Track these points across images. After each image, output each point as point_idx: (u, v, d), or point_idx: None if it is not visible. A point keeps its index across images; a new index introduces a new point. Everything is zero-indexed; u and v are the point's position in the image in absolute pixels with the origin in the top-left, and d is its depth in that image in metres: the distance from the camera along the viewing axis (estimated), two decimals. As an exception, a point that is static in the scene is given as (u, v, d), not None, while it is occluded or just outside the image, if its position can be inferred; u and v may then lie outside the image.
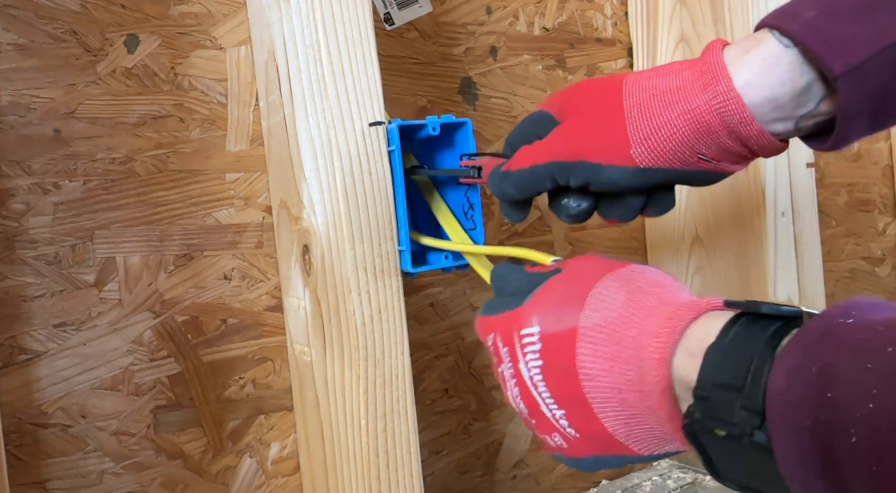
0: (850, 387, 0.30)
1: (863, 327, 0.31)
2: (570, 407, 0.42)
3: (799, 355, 0.32)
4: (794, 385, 0.31)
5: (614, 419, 0.41)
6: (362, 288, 0.54)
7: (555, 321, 0.42)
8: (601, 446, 0.42)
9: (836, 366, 0.30)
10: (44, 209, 0.56)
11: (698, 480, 0.81)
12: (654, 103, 0.46)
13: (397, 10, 0.67)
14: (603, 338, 0.40)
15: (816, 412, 0.30)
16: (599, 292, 0.42)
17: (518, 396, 0.44)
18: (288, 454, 0.65)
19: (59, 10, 0.56)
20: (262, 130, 0.63)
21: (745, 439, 0.33)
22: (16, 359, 0.55)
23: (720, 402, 0.35)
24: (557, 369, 0.42)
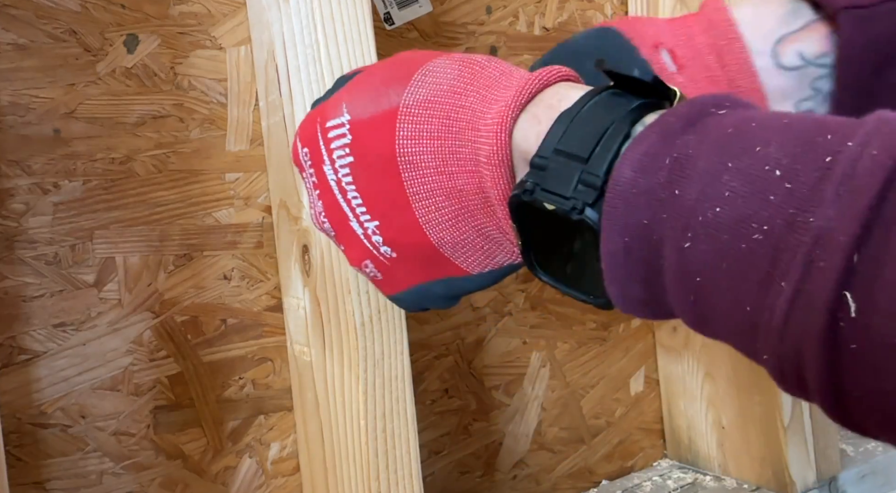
0: (702, 185, 0.26)
1: (735, 121, 0.27)
2: (385, 213, 0.34)
3: (656, 141, 0.28)
4: (641, 175, 0.27)
5: (438, 222, 0.33)
6: (362, 288, 0.54)
7: (369, 105, 0.35)
8: (422, 267, 0.35)
9: (695, 159, 0.26)
10: (43, 209, 0.56)
11: (698, 480, 0.81)
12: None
13: (397, 10, 0.67)
14: (429, 114, 0.33)
15: (656, 208, 0.26)
16: (429, 68, 0.34)
17: (321, 210, 0.37)
18: (288, 454, 0.65)
19: (58, 10, 0.56)
20: (262, 130, 0.63)
21: (573, 214, 0.29)
22: (15, 359, 0.55)
23: (558, 172, 0.29)
24: (371, 164, 0.34)
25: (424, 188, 0.33)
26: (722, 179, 0.25)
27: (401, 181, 0.33)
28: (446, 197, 0.33)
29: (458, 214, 0.33)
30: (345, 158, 0.35)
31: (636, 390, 0.85)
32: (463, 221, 0.33)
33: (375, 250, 0.35)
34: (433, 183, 0.33)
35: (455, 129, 0.32)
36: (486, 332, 0.75)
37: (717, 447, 0.81)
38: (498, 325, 0.75)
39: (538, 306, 0.78)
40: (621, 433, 0.84)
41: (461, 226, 0.34)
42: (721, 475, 0.81)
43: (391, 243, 0.35)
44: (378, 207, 0.34)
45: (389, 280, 0.37)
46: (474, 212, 0.33)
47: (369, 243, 0.35)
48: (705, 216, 0.25)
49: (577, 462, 0.81)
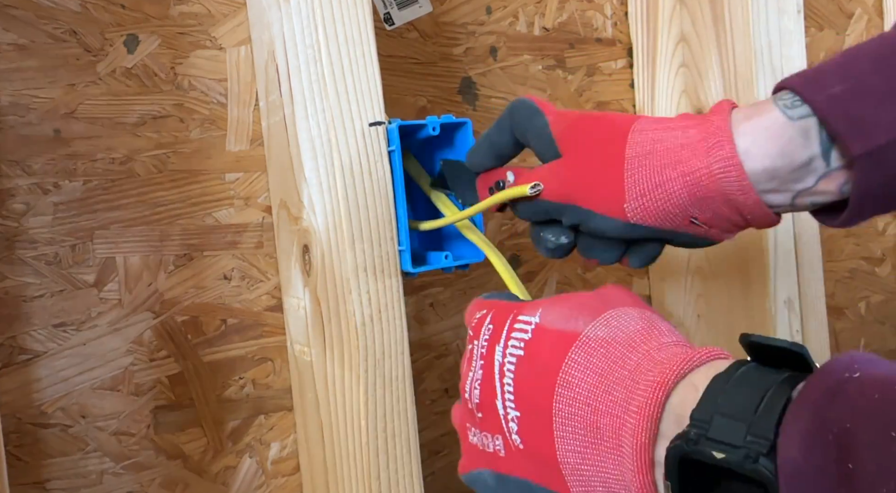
0: (874, 459, 0.26)
1: (874, 385, 0.28)
2: (527, 412, 0.37)
3: (811, 418, 0.29)
4: (810, 453, 0.28)
5: (570, 442, 0.36)
6: (362, 288, 0.54)
7: (558, 320, 0.39)
8: (538, 469, 0.37)
9: (856, 433, 0.27)
10: (44, 209, 0.56)
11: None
12: (656, 160, 0.44)
13: (397, 10, 0.67)
14: (601, 353, 0.36)
15: (833, 485, 0.27)
16: (618, 312, 0.38)
17: (478, 380, 0.40)
18: (288, 454, 0.65)
19: (59, 10, 0.56)
20: (262, 130, 0.63)
21: (748, 463, 0.29)
22: (16, 359, 0.55)
23: (723, 426, 0.30)
24: (535, 367, 0.38)
25: (569, 410, 0.36)
26: (891, 451, 0.26)
27: (552, 395, 0.36)
28: (584, 426, 0.35)
29: (589, 448, 0.35)
30: (517, 350, 0.39)
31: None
32: (590, 455, 0.35)
33: (508, 434, 0.39)
34: (578, 410, 0.36)
35: (614, 376, 0.35)
36: (486, 332, 0.75)
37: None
38: (498, 325, 0.75)
39: (538, 306, 0.78)
40: (621, 433, 0.84)
41: (587, 458, 0.35)
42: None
43: (522, 435, 0.38)
44: (524, 403, 0.38)
45: (506, 463, 0.39)
46: (604, 454, 0.35)
47: (505, 426, 0.38)
48: (889, 488, 0.26)
49: (576, 462, 0.81)
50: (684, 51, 0.79)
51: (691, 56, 0.78)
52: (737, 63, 0.73)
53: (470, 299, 0.73)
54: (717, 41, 0.75)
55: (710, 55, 0.76)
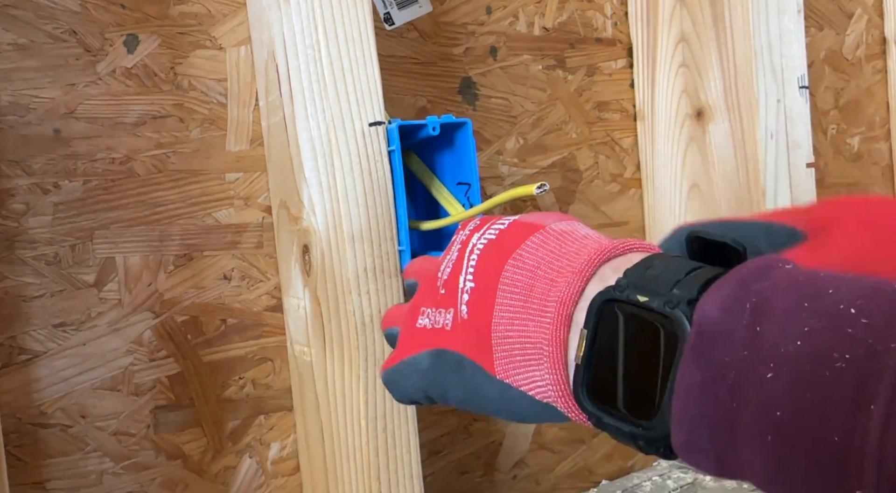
0: (782, 322, 0.28)
1: (803, 271, 0.30)
2: (480, 283, 0.40)
3: (735, 287, 0.30)
4: (726, 315, 0.29)
5: (505, 308, 0.38)
6: (362, 288, 0.54)
7: (534, 218, 0.42)
8: (474, 342, 0.40)
9: (772, 302, 0.29)
10: (44, 209, 0.56)
11: (698, 480, 0.81)
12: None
13: (397, 10, 0.67)
14: (557, 238, 0.39)
15: (738, 348, 0.29)
16: (581, 222, 0.42)
17: (451, 260, 0.43)
18: (288, 454, 0.65)
19: (59, 10, 0.56)
20: (262, 130, 0.63)
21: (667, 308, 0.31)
22: (16, 359, 0.55)
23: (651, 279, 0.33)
24: (498, 247, 0.41)
25: (512, 279, 0.38)
26: (800, 317, 0.28)
27: (503, 267, 0.39)
28: (520, 292, 0.38)
29: (519, 310, 0.37)
30: (490, 235, 0.42)
31: (636, 390, 0.85)
32: (519, 318, 0.37)
33: (460, 305, 0.41)
34: (520, 277, 0.38)
35: (562, 252, 0.38)
36: (486, 332, 0.75)
37: (716, 446, 0.81)
38: (498, 325, 0.75)
39: (538, 306, 0.78)
40: (621, 433, 0.84)
41: (515, 322, 0.38)
42: (721, 474, 0.81)
43: (470, 306, 0.40)
44: (480, 276, 0.41)
45: (451, 335, 0.42)
46: (529, 315, 0.37)
47: (460, 297, 0.41)
48: (787, 349, 0.27)
49: (576, 462, 0.81)
50: (684, 51, 0.79)
51: (691, 56, 0.78)
52: (737, 63, 0.73)
53: (470, 299, 0.73)
54: (717, 41, 0.75)
55: (710, 55, 0.76)
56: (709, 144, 0.77)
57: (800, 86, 0.76)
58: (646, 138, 0.84)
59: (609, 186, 0.83)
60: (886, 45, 1.08)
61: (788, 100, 0.75)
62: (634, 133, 0.85)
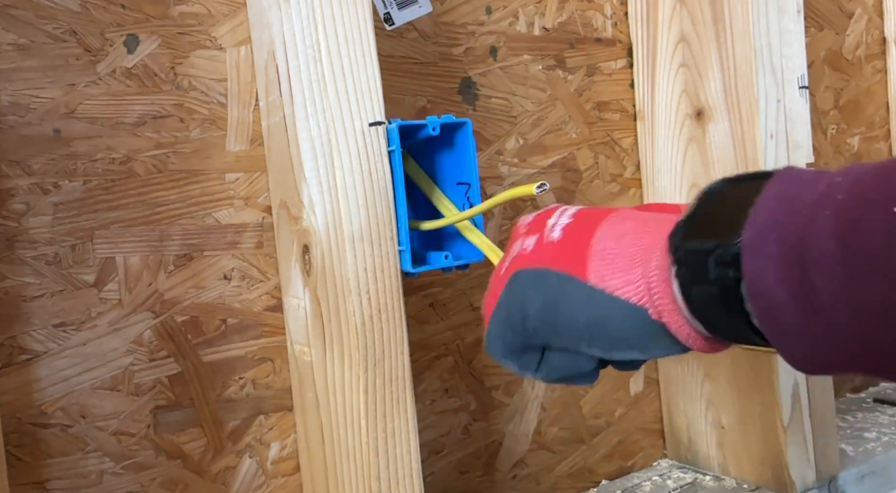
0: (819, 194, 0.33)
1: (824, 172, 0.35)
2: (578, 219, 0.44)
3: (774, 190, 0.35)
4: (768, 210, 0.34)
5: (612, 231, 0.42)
6: (362, 288, 0.54)
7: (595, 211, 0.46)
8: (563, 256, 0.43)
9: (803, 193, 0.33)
10: (44, 209, 0.56)
11: (698, 480, 0.81)
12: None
13: (397, 10, 0.67)
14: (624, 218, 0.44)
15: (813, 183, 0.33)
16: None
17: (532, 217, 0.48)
18: (288, 454, 0.65)
19: (59, 10, 0.56)
20: (262, 130, 0.63)
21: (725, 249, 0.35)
22: (16, 359, 0.55)
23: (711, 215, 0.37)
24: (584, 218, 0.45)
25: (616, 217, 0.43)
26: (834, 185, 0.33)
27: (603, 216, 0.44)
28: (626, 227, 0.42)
29: (625, 234, 0.41)
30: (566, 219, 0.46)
31: (636, 390, 0.85)
32: (626, 239, 0.41)
33: (548, 232, 0.45)
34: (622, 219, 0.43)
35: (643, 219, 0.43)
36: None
37: (716, 447, 0.81)
38: (498, 325, 0.75)
39: (538, 306, 0.78)
40: (621, 433, 0.84)
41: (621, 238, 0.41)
42: (721, 475, 0.81)
43: (565, 232, 0.44)
44: (580, 218, 0.45)
45: (530, 256, 0.44)
46: (635, 235, 0.41)
47: (549, 227, 0.45)
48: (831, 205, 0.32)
49: (576, 462, 0.81)
50: (684, 51, 0.79)
51: (691, 56, 0.78)
52: (737, 63, 0.73)
53: (470, 299, 0.74)
54: (717, 41, 0.75)
55: (710, 55, 0.76)
56: (709, 144, 0.77)
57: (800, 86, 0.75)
58: (646, 138, 0.84)
59: (609, 186, 0.83)
60: (886, 45, 1.08)
61: (788, 100, 0.75)
62: (634, 133, 0.85)
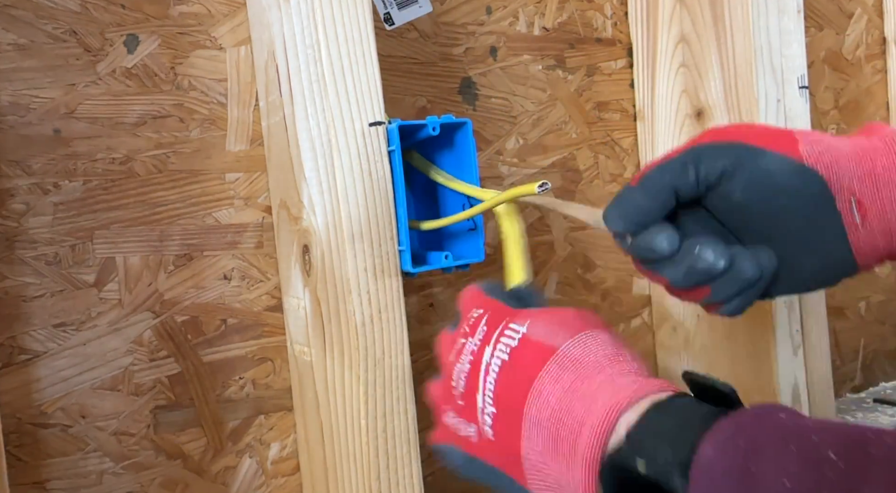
0: (772, 464, 0.32)
1: (793, 419, 0.34)
2: (502, 411, 0.43)
3: (731, 430, 0.34)
4: (721, 454, 0.33)
5: (534, 443, 0.41)
6: (362, 288, 0.54)
7: (542, 333, 0.44)
8: (503, 459, 0.43)
9: (763, 444, 0.32)
10: (44, 209, 0.56)
11: (698, 480, 0.81)
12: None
13: (397, 10, 0.67)
14: (571, 369, 0.41)
15: (732, 485, 0.32)
16: (593, 334, 0.43)
17: (464, 373, 0.45)
18: (288, 454, 0.65)
19: (59, 10, 0.56)
20: (262, 130, 0.63)
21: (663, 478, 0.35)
22: (16, 359, 0.55)
23: (650, 446, 0.36)
24: (516, 373, 0.43)
25: (536, 416, 0.41)
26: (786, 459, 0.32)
27: (524, 400, 0.41)
28: (547, 434, 0.40)
29: (548, 451, 0.40)
30: (503, 355, 0.44)
31: (636, 390, 0.85)
32: (549, 457, 0.40)
33: (482, 426, 0.44)
34: (544, 417, 0.41)
35: (581, 393, 0.40)
36: (486, 332, 0.75)
37: (716, 446, 0.81)
38: (498, 325, 0.75)
39: (538, 306, 0.78)
40: (621, 433, 0.84)
41: (546, 459, 0.40)
42: (721, 474, 0.81)
43: (495, 429, 0.43)
44: (501, 403, 0.43)
45: (478, 448, 0.45)
46: (560, 459, 0.40)
47: (481, 418, 0.44)
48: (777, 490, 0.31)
49: (576, 462, 0.81)
50: (684, 51, 0.79)
51: (691, 56, 0.78)
52: (737, 63, 0.73)
53: (470, 299, 0.73)
54: (717, 41, 0.75)
55: (710, 55, 0.76)
56: (709, 144, 0.77)
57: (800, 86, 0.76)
58: (646, 138, 0.84)
59: (609, 186, 0.83)
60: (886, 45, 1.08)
61: (788, 100, 0.75)
62: (634, 133, 0.85)
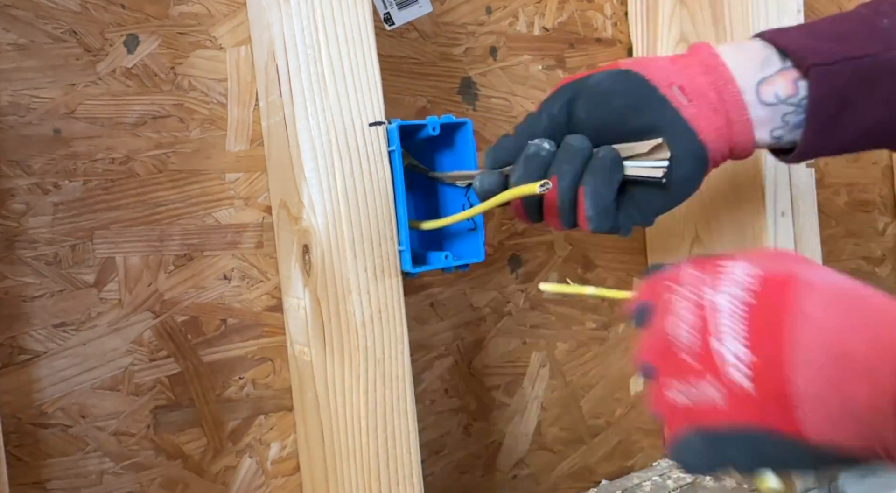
0: None
1: None
2: (760, 348, 0.37)
3: None
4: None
5: (809, 374, 0.35)
6: (362, 288, 0.54)
7: (773, 267, 0.39)
8: (765, 410, 0.37)
9: None
10: (44, 209, 0.56)
11: (698, 480, 0.81)
12: None
13: (397, 10, 0.67)
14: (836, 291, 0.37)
15: None
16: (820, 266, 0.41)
17: (689, 324, 0.40)
18: (288, 454, 0.65)
19: (59, 10, 0.56)
20: (262, 130, 0.63)
21: None
22: (16, 359, 0.55)
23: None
24: (769, 310, 0.38)
25: (810, 340, 0.36)
26: None
27: (790, 327, 0.37)
28: (829, 354, 0.35)
29: (833, 374, 0.35)
30: (743, 296, 0.39)
31: (636, 391, 0.85)
32: (834, 381, 0.35)
33: (729, 378, 0.38)
34: (821, 338, 0.36)
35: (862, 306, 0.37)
36: (486, 332, 0.75)
37: (716, 446, 0.81)
38: (498, 325, 0.76)
39: (538, 306, 0.78)
40: (621, 433, 0.84)
41: (828, 385, 0.35)
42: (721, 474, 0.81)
43: (757, 381, 0.37)
44: (756, 340, 0.38)
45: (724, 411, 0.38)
46: (849, 377, 0.35)
47: (725, 369, 0.38)
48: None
49: (576, 462, 0.81)
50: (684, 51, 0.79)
51: (691, 56, 0.78)
52: (737, 63, 0.73)
53: (470, 299, 0.74)
54: (717, 41, 0.75)
55: (710, 55, 0.76)
56: (709, 144, 0.77)
57: (800, 86, 0.75)
58: (646, 138, 0.83)
59: (609, 186, 0.83)
60: (886, 45, 1.07)
61: (788, 100, 0.75)
62: (634, 133, 0.85)
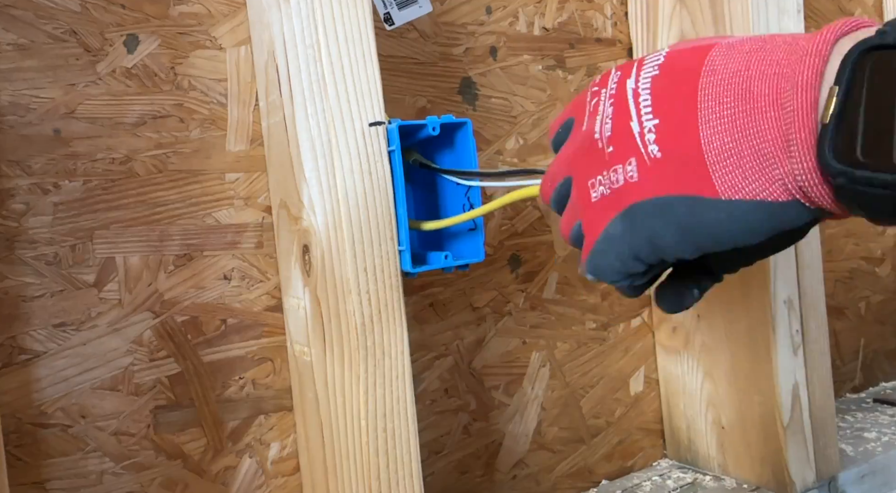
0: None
1: None
2: (667, 112, 0.36)
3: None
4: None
5: (716, 121, 0.34)
6: (362, 288, 0.54)
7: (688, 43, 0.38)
8: (678, 175, 0.36)
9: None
10: (44, 209, 0.56)
11: (698, 480, 0.81)
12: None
13: (397, 10, 0.67)
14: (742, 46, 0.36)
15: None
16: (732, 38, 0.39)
17: (608, 116, 0.39)
18: (288, 454, 0.65)
19: (59, 10, 0.56)
20: (262, 130, 0.63)
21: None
22: (16, 359, 0.55)
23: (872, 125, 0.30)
24: (673, 73, 0.37)
25: (715, 87, 0.35)
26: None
27: (696, 84, 0.36)
28: (734, 96, 0.34)
29: (738, 115, 0.34)
30: (650, 72, 0.38)
31: (636, 390, 0.85)
32: (741, 122, 0.34)
33: (643, 149, 0.37)
34: (726, 83, 0.35)
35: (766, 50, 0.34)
36: (486, 332, 0.75)
37: (716, 447, 0.81)
38: (498, 325, 0.76)
39: (538, 306, 0.78)
40: (621, 433, 0.84)
41: (737, 128, 0.34)
42: (721, 474, 0.81)
43: (661, 143, 0.37)
44: (663, 106, 0.37)
45: (640, 185, 0.38)
46: (756, 115, 0.34)
47: (640, 141, 0.37)
48: None
49: (576, 462, 0.81)
50: (684, 51, 0.79)
51: (691, 56, 0.78)
52: (737, 63, 0.73)
53: (470, 299, 0.74)
54: (717, 41, 0.75)
55: (710, 55, 0.76)
56: (709, 144, 0.77)
57: (800, 86, 0.75)
58: (646, 138, 0.83)
59: (609, 186, 0.83)
60: (886, 45, 1.07)
61: (788, 100, 0.75)
62: (634, 133, 0.85)
